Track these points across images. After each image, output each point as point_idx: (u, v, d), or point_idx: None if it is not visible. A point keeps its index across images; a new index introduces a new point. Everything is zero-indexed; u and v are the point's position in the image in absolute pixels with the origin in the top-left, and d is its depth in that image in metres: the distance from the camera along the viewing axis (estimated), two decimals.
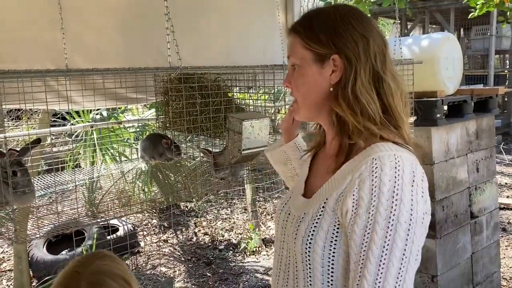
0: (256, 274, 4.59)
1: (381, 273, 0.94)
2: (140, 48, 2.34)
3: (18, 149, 1.65)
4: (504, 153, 8.65)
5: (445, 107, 3.17)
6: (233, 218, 6.05)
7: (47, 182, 2.25)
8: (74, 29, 2.10)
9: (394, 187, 0.96)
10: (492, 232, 3.51)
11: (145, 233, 5.56)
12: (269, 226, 5.68)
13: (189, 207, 6.28)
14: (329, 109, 1.12)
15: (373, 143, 1.05)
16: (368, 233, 0.96)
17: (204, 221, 5.95)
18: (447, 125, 3.04)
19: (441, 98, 2.99)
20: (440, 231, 2.95)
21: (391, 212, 0.95)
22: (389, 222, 0.95)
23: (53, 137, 4.70)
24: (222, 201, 6.51)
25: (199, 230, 5.70)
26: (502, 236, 4.81)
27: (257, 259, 4.95)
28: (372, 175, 0.98)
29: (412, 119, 2.76)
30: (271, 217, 5.93)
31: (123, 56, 2.28)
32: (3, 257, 5.00)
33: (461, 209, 3.16)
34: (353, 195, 0.99)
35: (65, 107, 2.57)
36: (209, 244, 5.35)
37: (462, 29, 12.50)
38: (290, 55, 1.16)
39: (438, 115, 2.94)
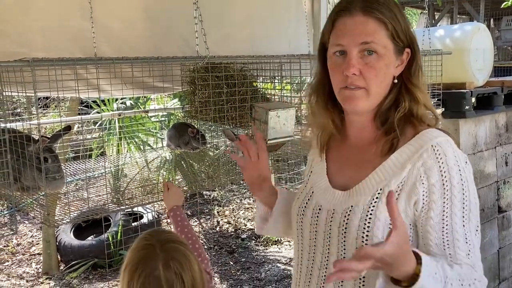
0: (278, 264, 4.62)
1: (470, 249, 1.02)
2: (166, 37, 2.35)
3: (48, 136, 1.69)
4: None
5: (474, 99, 3.10)
6: (256, 207, 6.07)
7: (74, 169, 2.30)
8: (102, 18, 2.12)
9: (459, 170, 1.03)
10: None
11: (169, 220, 5.63)
12: None
13: (212, 196, 6.33)
14: (382, 98, 1.12)
15: (420, 130, 1.08)
16: (446, 216, 1.02)
17: (227, 210, 6.00)
18: (475, 118, 2.98)
19: (470, 90, 2.93)
20: None
21: (463, 193, 1.02)
22: (463, 203, 1.02)
23: (79, 125, 4.79)
24: (245, 190, 6.54)
25: (222, 219, 5.74)
26: None
27: (279, 249, 4.97)
28: (438, 162, 1.02)
29: (440, 110, 2.72)
30: None
31: (149, 45, 2.30)
32: (32, 241, 5.14)
33: (488, 203, 3.10)
34: (422, 183, 1.02)
35: (94, 95, 2.61)
36: (232, 233, 5.39)
37: (492, 19, 12.16)
38: (370, 40, 1.05)
39: (467, 107, 2.88)
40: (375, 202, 1.05)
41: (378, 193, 1.05)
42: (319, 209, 1.15)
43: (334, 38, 1.10)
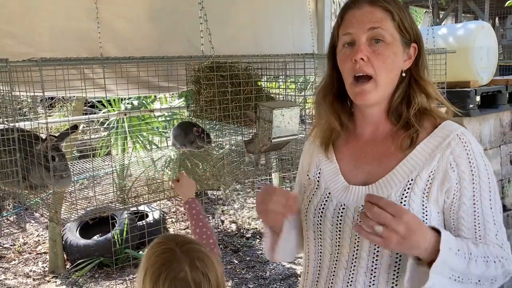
0: (282, 262, 4.63)
1: (497, 229, 1.08)
2: (171, 37, 2.37)
3: (55, 135, 1.71)
4: None
5: (478, 98, 3.10)
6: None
7: (80, 168, 2.32)
8: (107, 19, 2.14)
9: (482, 156, 1.09)
10: None
11: (173, 220, 5.66)
12: None
13: (216, 196, 6.35)
14: (391, 91, 1.15)
15: (439, 121, 1.13)
16: (477, 201, 1.07)
17: (231, 209, 6.01)
18: (480, 116, 2.98)
19: (474, 89, 2.93)
20: None
21: (488, 178, 1.09)
22: (489, 187, 1.08)
23: (85, 125, 4.83)
24: (249, 190, 6.55)
25: (226, 218, 5.76)
26: None
27: None
28: (466, 150, 1.07)
29: (444, 109, 2.72)
30: None
31: (154, 45, 2.32)
32: (39, 240, 5.17)
33: None
34: (453, 171, 1.07)
35: (99, 95, 2.64)
36: (236, 232, 5.40)
37: (497, 18, 12.11)
38: (378, 26, 1.08)
39: (471, 106, 2.88)
40: (407, 192, 1.08)
41: (410, 184, 1.08)
42: (343, 208, 1.14)
43: (343, 29, 1.14)
